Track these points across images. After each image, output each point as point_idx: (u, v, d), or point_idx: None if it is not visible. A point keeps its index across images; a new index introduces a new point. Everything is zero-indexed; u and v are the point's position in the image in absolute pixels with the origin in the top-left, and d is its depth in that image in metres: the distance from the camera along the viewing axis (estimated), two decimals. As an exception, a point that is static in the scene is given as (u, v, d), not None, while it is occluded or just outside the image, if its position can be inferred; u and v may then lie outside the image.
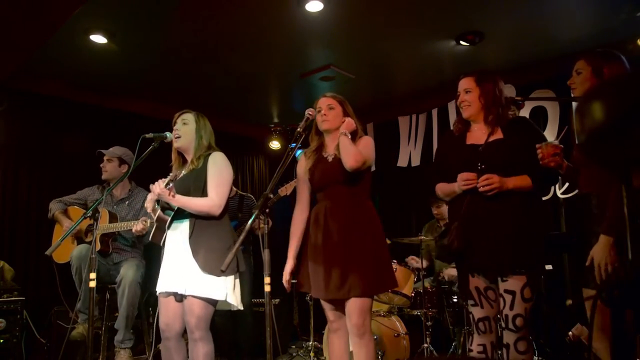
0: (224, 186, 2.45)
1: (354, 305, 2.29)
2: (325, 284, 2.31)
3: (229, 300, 2.38)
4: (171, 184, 2.30)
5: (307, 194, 2.54)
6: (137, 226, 3.10)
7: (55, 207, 3.67)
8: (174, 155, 2.62)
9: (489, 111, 2.23)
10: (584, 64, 2.15)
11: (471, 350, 2.19)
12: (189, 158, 2.56)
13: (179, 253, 2.39)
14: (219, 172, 2.46)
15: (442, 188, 2.36)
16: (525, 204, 2.12)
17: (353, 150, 2.31)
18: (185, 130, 2.53)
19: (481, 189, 2.09)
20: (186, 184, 2.44)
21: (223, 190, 2.43)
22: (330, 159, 2.44)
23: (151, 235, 2.60)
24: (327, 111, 2.46)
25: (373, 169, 2.57)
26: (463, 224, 2.14)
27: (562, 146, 2.08)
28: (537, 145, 2.09)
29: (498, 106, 2.21)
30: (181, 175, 2.53)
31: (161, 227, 2.53)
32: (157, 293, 2.47)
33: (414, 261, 4.28)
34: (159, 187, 2.30)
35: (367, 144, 2.42)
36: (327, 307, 2.43)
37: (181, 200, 2.36)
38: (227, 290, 2.37)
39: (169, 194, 2.31)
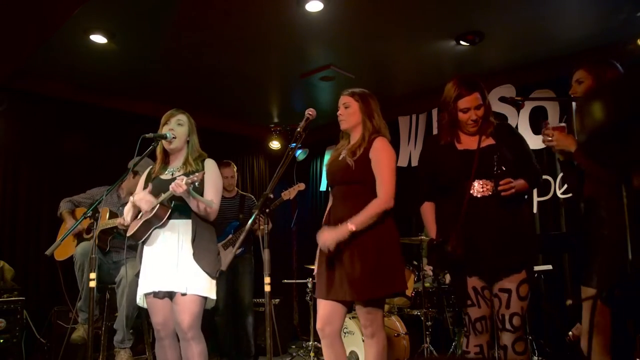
0: (220, 193, 2.56)
1: (358, 307, 2.29)
2: (327, 284, 2.31)
3: (213, 297, 2.45)
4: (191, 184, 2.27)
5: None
6: (119, 219, 3.16)
7: (64, 206, 3.71)
8: (160, 154, 2.57)
9: (488, 125, 2.22)
10: (584, 73, 2.12)
11: (467, 352, 2.17)
12: (176, 158, 2.57)
13: (176, 253, 2.38)
14: (217, 179, 2.55)
15: (426, 215, 2.38)
16: (516, 203, 2.15)
17: (374, 213, 2.30)
18: (181, 132, 2.53)
19: (504, 194, 2.09)
20: None
21: (219, 198, 2.54)
22: (340, 158, 2.42)
23: (134, 230, 2.45)
24: (342, 110, 2.45)
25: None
26: (462, 229, 2.10)
27: (564, 125, 2.11)
28: (546, 128, 2.11)
29: (491, 118, 2.23)
30: (177, 175, 2.49)
31: (151, 224, 2.43)
32: (147, 292, 2.43)
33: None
34: (181, 187, 2.23)
35: (383, 167, 2.38)
36: (321, 311, 2.35)
37: (194, 198, 2.36)
38: (214, 289, 2.47)
39: (188, 194, 2.31)
